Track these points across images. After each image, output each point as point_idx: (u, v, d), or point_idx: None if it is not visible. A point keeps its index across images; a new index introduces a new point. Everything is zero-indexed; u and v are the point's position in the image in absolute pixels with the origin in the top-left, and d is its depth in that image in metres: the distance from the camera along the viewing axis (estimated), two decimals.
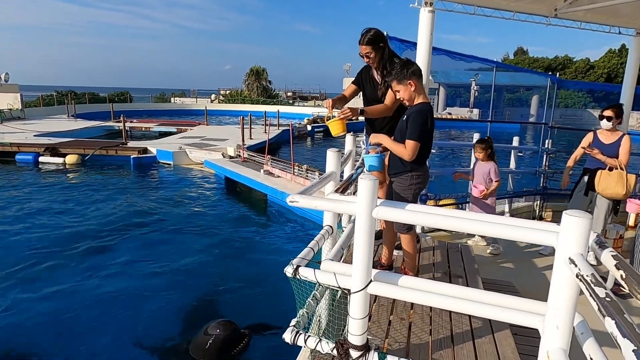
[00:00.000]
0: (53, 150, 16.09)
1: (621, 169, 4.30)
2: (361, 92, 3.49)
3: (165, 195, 12.16)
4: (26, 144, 16.59)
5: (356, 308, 1.90)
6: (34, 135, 19.06)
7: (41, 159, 15.72)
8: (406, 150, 2.69)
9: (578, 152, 4.75)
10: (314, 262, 2.16)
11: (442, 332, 2.46)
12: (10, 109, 26.24)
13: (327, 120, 3.16)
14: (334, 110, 3.15)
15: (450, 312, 2.64)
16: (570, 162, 4.84)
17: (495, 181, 4.75)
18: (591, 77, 47.37)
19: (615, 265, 1.33)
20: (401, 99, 2.79)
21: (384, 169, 3.15)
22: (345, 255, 2.98)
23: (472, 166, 5.06)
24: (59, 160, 15.70)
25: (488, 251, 4.85)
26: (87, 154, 16.06)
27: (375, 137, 2.89)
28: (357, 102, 3.36)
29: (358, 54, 3.17)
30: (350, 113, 3.01)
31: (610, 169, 4.37)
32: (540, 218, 6.69)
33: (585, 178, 4.63)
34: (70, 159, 15.68)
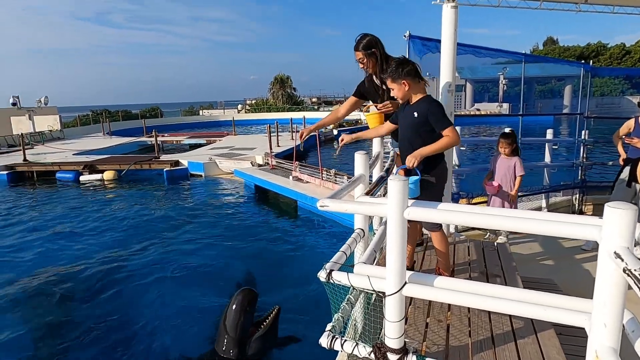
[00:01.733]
0: (91, 168, 16.78)
1: None
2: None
3: (197, 205, 12.43)
4: (66, 163, 17.37)
5: (392, 311, 1.88)
6: (73, 154, 19.93)
7: (82, 177, 16.42)
8: (450, 137, 2.66)
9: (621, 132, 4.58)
10: (347, 266, 2.16)
11: (482, 334, 2.40)
12: (51, 130, 27.58)
13: (366, 113, 3.22)
14: (371, 105, 3.19)
15: (489, 312, 2.57)
16: (616, 139, 4.65)
17: (520, 175, 4.64)
18: (628, 63, 45.28)
19: None
20: (396, 97, 2.83)
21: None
22: (378, 257, 2.95)
23: (492, 162, 4.88)
24: (97, 176, 16.35)
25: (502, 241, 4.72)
26: (122, 169, 16.65)
27: (414, 157, 2.66)
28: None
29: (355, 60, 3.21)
30: (391, 107, 3.00)
31: None
32: (581, 212, 6.43)
33: (627, 169, 4.42)
34: (108, 175, 16.30)
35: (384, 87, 3.19)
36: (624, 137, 4.54)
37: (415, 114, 2.77)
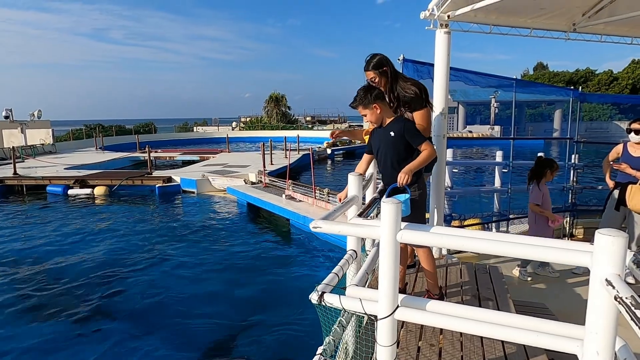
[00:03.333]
0: (82, 182, 16.63)
1: None
2: None
3: (189, 222, 12.33)
4: (57, 177, 17.20)
5: (384, 335, 1.86)
6: (64, 169, 19.77)
7: (70, 191, 16.24)
8: (428, 151, 2.79)
9: (610, 157, 4.65)
10: (339, 288, 2.14)
11: (474, 358, 2.37)
12: (43, 144, 27.41)
13: (365, 135, 3.28)
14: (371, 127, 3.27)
15: (481, 337, 2.55)
16: (605, 165, 4.70)
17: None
18: (615, 89, 46.33)
19: None
20: (369, 122, 2.95)
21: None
22: (370, 279, 2.93)
23: (540, 193, 4.51)
24: (88, 191, 16.20)
25: (517, 275, 4.63)
26: (114, 184, 16.53)
27: (405, 174, 2.69)
28: None
29: (366, 81, 3.23)
30: None
31: None
32: (572, 235, 6.47)
33: (616, 193, 4.47)
34: (99, 190, 16.16)
35: (395, 102, 3.23)
36: (612, 162, 4.62)
37: (392, 133, 2.87)
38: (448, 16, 3.93)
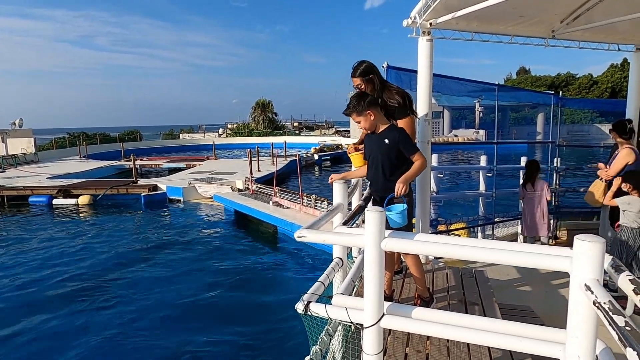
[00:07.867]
0: (65, 192, 16.33)
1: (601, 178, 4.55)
2: None
3: (175, 230, 12.19)
4: (39, 187, 16.87)
5: (370, 344, 1.86)
6: (47, 178, 19.40)
7: (55, 201, 15.94)
8: (421, 161, 2.81)
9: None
10: (325, 297, 2.13)
11: None
12: (24, 153, 26.88)
13: (349, 153, 3.29)
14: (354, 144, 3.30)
15: (468, 342, 2.56)
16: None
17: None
18: (595, 93, 47.36)
19: (634, 290, 1.29)
20: (363, 128, 2.93)
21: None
22: (357, 286, 2.93)
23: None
24: (72, 201, 15.92)
25: None
26: (98, 194, 16.27)
27: (402, 184, 2.70)
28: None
29: (352, 87, 3.25)
30: None
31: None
32: (555, 237, 6.57)
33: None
34: (83, 199, 15.89)
35: (382, 110, 3.25)
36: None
37: (386, 141, 2.86)
38: (430, 24, 3.98)
